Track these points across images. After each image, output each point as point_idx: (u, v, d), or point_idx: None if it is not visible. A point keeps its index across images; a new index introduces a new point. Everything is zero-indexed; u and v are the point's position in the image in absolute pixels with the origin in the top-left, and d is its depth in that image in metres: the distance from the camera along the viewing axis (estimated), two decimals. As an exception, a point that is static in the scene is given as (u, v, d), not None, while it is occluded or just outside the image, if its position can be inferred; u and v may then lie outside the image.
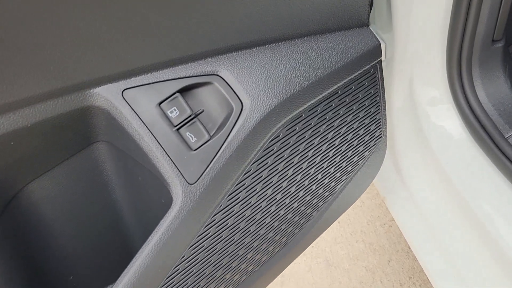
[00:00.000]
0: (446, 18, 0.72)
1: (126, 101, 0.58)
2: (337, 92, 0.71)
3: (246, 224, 0.69)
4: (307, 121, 0.69)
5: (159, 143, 0.58)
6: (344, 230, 1.62)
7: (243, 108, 0.62)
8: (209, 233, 0.64)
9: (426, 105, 0.86)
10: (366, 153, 0.83)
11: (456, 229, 0.86)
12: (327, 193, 0.80)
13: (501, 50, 0.81)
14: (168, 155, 0.59)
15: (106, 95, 0.57)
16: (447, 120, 0.86)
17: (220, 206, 0.64)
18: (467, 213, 0.81)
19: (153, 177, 0.63)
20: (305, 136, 0.69)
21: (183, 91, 0.61)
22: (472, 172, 0.81)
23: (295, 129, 0.68)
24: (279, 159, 0.68)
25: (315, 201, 0.79)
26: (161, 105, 0.59)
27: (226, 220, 0.66)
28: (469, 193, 0.80)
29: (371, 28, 0.75)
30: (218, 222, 0.65)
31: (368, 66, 0.73)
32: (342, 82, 0.70)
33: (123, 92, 0.58)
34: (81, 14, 0.51)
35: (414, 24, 0.77)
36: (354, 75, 0.71)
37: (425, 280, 1.48)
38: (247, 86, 0.62)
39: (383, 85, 0.78)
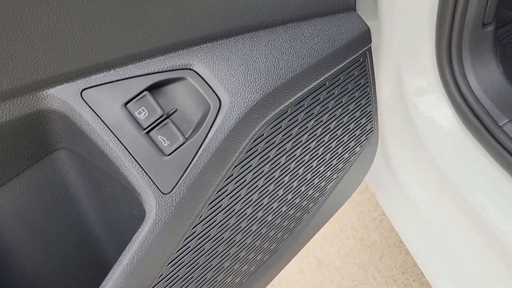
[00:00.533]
0: (434, 2, 0.69)
1: (86, 103, 0.51)
2: (325, 84, 0.65)
3: (231, 233, 0.63)
4: (293, 117, 0.62)
5: (126, 149, 0.51)
6: (334, 227, 1.57)
7: (221, 105, 0.55)
8: (189, 247, 0.58)
9: (415, 95, 0.84)
10: (357, 149, 0.77)
11: (451, 222, 0.84)
12: (317, 194, 0.75)
13: (491, 33, 0.79)
14: (137, 162, 0.52)
15: (62, 97, 0.50)
16: (438, 110, 0.85)
17: (201, 217, 0.57)
18: (462, 205, 0.80)
19: (123, 187, 0.56)
20: (292, 134, 0.63)
21: (152, 88, 0.54)
22: (466, 163, 0.80)
23: (281, 127, 0.61)
24: (264, 160, 0.61)
25: (305, 203, 0.73)
26: (128, 105, 0.52)
27: (208, 231, 0.59)
28: (463, 185, 0.79)
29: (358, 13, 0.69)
30: (199, 234, 0.58)
31: (357, 54, 0.67)
32: (330, 73, 0.64)
33: (82, 93, 0.51)
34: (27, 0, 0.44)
35: (401, 9, 0.74)
36: (342, 65, 0.65)
37: (419, 275, 1.45)
38: (225, 81, 0.55)
39: (373, 75, 0.73)
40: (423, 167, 0.86)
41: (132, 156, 0.52)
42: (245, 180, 0.61)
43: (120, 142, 0.51)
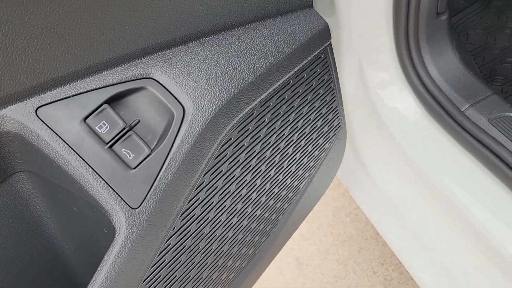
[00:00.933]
0: (389, -5, 0.70)
1: (43, 121, 0.48)
2: (289, 83, 0.64)
3: (206, 243, 0.61)
4: (260, 119, 0.62)
5: (89, 165, 0.49)
6: (311, 225, 1.57)
7: (185, 112, 0.54)
8: (164, 261, 0.56)
9: (378, 87, 0.85)
10: (327, 145, 0.77)
11: (423, 209, 0.85)
12: (291, 194, 0.74)
13: (446, 22, 0.81)
14: (102, 179, 0.49)
15: (16, 117, 0.48)
16: (401, 101, 0.86)
17: (174, 229, 0.55)
18: (432, 192, 0.80)
19: (90, 206, 0.54)
20: (260, 136, 0.62)
21: (112, 101, 0.52)
22: (433, 151, 0.81)
23: (248, 129, 0.61)
24: (235, 165, 0.60)
25: (279, 204, 0.72)
26: (87, 120, 0.50)
27: (183, 243, 0.57)
28: (431, 172, 0.80)
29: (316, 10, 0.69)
30: (173, 246, 0.56)
31: (318, 51, 0.67)
32: (293, 71, 0.64)
33: (37, 111, 0.48)
34: None
35: (357, 4, 0.75)
36: (304, 62, 0.65)
37: (397, 264, 1.46)
38: (187, 87, 0.54)
39: (336, 71, 0.73)
40: (392, 158, 0.87)
41: (96, 173, 0.50)
42: (217, 187, 0.59)
43: (82, 159, 0.49)
